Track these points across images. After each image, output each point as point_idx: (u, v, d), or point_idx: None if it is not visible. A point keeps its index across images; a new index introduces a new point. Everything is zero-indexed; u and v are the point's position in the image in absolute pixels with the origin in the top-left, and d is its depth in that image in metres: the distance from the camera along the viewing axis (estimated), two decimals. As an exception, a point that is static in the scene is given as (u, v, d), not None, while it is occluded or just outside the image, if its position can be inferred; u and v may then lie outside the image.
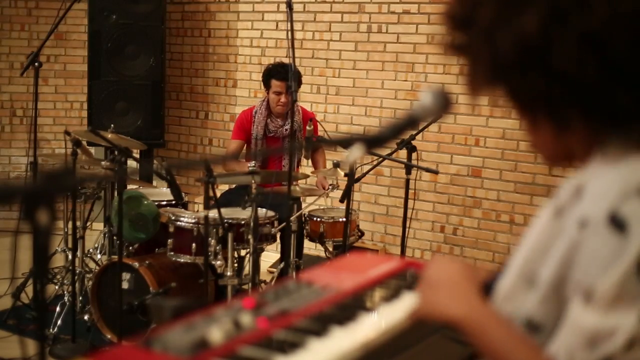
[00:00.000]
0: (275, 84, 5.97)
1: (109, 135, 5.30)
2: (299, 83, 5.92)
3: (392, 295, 1.94)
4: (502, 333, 1.37)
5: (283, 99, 5.95)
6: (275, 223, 5.25)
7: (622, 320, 1.19)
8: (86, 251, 5.69)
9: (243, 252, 5.36)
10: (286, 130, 6.02)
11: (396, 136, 1.66)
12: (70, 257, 5.40)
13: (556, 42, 1.25)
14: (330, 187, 5.59)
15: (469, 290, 1.48)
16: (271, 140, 6.12)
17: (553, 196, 1.38)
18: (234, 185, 6.21)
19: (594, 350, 1.21)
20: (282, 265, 5.59)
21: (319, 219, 5.56)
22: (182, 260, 5.09)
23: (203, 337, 1.57)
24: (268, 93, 6.07)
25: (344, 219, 5.20)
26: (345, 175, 5.21)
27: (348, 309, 1.82)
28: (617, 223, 1.21)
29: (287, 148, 6.41)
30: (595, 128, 1.31)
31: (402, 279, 2.06)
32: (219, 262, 4.99)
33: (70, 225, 5.45)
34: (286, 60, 5.89)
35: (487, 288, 1.53)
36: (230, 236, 4.96)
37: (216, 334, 1.58)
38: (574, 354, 1.24)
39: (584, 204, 1.26)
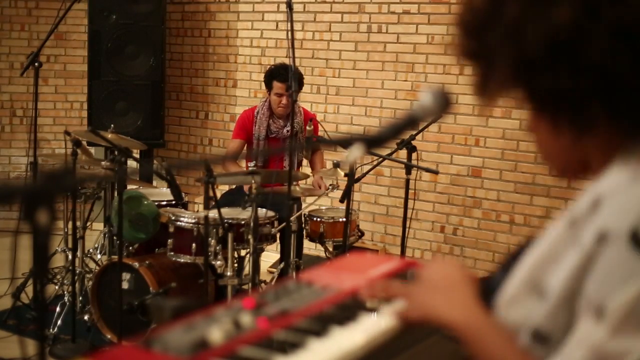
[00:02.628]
0: (277, 85, 5.96)
1: (109, 135, 5.29)
2: (301, 84, 5.91)
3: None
4: (501, 343, 1.33)
5: (284, 100, 5.94)
6: (275, 223, 5.25)
7: (633, 345, 1.15)
8: (86, 251, 5.68)
9: (243, 252, 5.36)
10: (287, 131, 6.01)
11: (396, 136, 1.66)
12: (70, 257, 5.40)
13: (589, 34, 1.21)
14: (330, 187, 5.58)
15: (467, 295, 1.45)
16: (273, 140, 6.11)
17: (568, 207, 1.33)
18: (234, 186, 6.20)
19: None
20: (282, 265, 5.59)
21: (319, 219, 5.55)
22: (182, 261, 5.09)
23: (203, 337, 1.57)
24: (269, 94, 6.06)
25: (344, 219, 5.20)
26: (345, 175, 5.21)
27: (348, 309, 1.82)
28: (638, 242, 1.16)
29: (288, 148, 6.40)
30: (619, 130, 1.26)
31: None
32: (219, 262, 4.99)
33: (70, 225, 5.45)
34: (287, 61, 5.89)
35: (484, 290, 1.52)
36: (230, 236, 4.96)
37: (216, 334, 1.58)
38: None
39: (604, 216, 1.20)
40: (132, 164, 6.15)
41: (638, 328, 1.14)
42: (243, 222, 5.04)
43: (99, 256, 5.87)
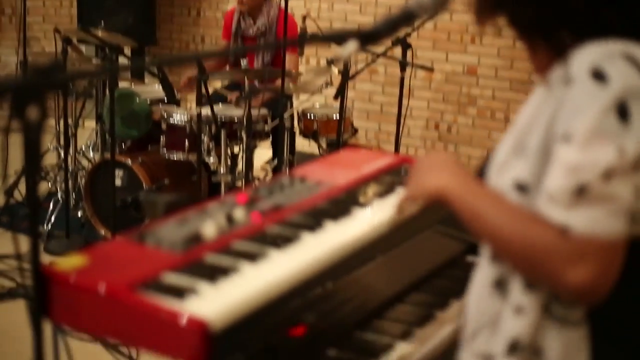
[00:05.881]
0: None
1: (100, 33, 5.23)
2: None
3: (386, 191, 1.94)
4: (489, 201, 1.44)
5: None
6: (268, 120, 5.21)
7: (600, 155, 1.28)
8: (78, 149, 5.66)
9: (236, 149, 5.34)
10: (252, 31, 5.90)
11: (391, 32, 1.64)
12: (62, 154, 5.38)
13: None
14: (324, 84, 5.48)
15: (453, 166, 1.58)
16: (245, 39, 6.01)
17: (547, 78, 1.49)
18: (226, 82, 6.15)
19: (572, 179, 1.29)
20: (275, 162, 5.58)
21: (312, 117, 5.52)
22: (175, 157, 5.05)
23: (196, 232, 1.57)
24: None
25: (338, 117, 5.18)
26: (339, 72, 5.17)
27: (341, 204, 1.82)
28: (598, 75, 1.32)
29: (259, 46, 6.32)
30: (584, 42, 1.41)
31: (397, 175, 2.06)
32: (212, 159, 4.98)
33: (61, 122, 5.42)
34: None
35: (480, 174, 1.58)
36: (223, 133, 4.94)
37: (209, 228, 1.58)
38: (553, 187, 1.31)
39: (570, 67, 1.37)
40: (123, 62, 6.08)
41: (602, 142, 1.29)
42: (236, 119, 5.01)
43: (91, 154, 5.85)
